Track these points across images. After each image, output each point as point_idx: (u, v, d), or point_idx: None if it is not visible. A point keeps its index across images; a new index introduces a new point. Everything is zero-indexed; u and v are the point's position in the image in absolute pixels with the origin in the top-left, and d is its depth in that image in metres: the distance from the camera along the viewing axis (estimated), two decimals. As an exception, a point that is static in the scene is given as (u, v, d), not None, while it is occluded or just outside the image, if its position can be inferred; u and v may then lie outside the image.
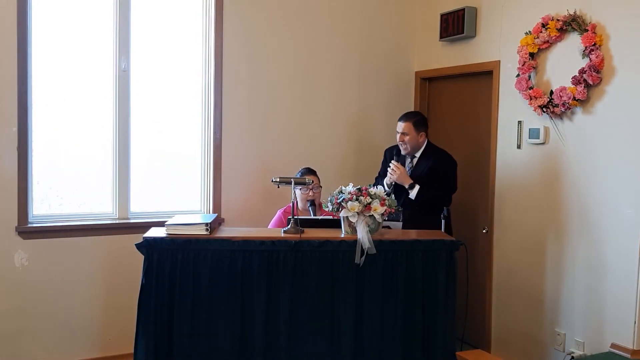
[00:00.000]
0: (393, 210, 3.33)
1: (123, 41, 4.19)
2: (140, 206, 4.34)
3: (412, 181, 3.91)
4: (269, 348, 3.23)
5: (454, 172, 4.06)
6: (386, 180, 4.00)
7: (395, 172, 3.92)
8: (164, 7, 4.36)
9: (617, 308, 3.50)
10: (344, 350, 3.25)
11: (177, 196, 4.48)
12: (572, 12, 3.71)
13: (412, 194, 3.89)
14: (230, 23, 4.44)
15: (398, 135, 4.03)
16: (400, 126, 4.01)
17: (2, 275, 3.87)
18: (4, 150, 3.83)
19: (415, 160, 4.07)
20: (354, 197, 3.22)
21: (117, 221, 4.22)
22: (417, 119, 4.05)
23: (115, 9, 4.17)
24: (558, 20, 3.78)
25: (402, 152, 4.05)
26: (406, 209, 3.81)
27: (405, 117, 4.06)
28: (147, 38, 4.30)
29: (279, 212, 4.12)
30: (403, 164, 4.06)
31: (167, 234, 3.25)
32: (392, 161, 3.99)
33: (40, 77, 3.99)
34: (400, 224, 3.81)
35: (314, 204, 4.03)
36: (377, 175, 4.33)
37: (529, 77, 4.02)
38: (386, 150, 4.32)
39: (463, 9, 4.48)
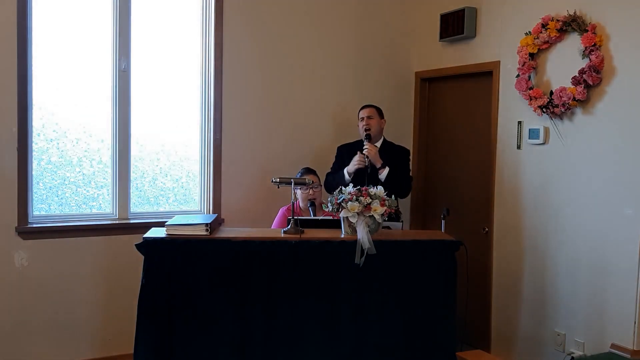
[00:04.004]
0: (393, 211, 3.33)
1: (123, 41, 4.19)
2: (140, 206, 4.35)
3: (382, 162, 4.01)
4: (269, 348, 3.24)
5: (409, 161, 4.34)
6: (349, 169, 4.05)
7: (371, 152, 4.01)
8: (164, 7, 4.36)
9: (617, 308, 3.50)
10: (344, 350, 3.26)
11: (177, 196, 4.48)
12: (572, 13, 3.71)
13: (382, 175, 3.99)
14: (230, 24, 4.44)
15: (364, 120, 4.18)
16: (366, 111, 4.23)
17: (2, 275, 3.86)
18: (4, 150, 3.83)
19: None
20: (354, 197, 3.22)
21: (117, 221, 4.22)
22: (379, 108, 4.30)
23: (115, 9, 4.17)
24: (558, 20, 3.77)
25: (370, 136, 4.14)
26: None
27: (368, 104, 4.32)
28: (147, 38, 4.30)
29: (281, 210, 4.13)
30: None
31: (167, 234, 3.25)
32: (365, 142, 4.08)
33: (40, 77, 3.99)
34: (400, 224, 3.81)
35: (314, 204, 4.03)
36: (329, 171, 4.33)
37: (529, 77, 4.02)
38: (341, 147, 4.38)
39: (463, 9, 4.48)
